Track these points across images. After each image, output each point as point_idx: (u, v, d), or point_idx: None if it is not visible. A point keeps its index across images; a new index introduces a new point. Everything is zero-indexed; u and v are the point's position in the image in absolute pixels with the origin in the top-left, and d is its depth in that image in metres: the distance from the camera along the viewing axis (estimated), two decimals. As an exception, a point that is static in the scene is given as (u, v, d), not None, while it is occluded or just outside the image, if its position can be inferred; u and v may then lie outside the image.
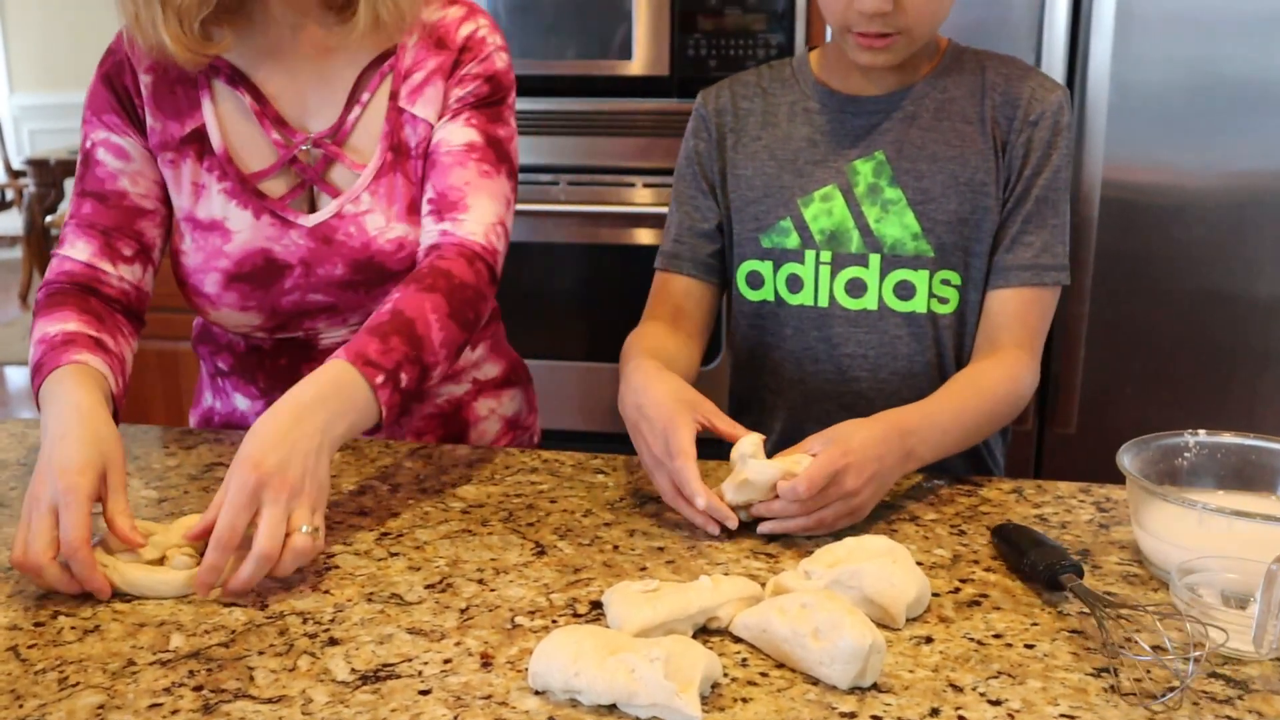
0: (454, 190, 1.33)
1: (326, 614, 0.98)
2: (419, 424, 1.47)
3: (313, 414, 1.09)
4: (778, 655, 0.90)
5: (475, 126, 1.36)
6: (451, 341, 1.25)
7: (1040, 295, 1.38)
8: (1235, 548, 0.95)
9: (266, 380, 1.44)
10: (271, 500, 1.02)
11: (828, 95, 1.44)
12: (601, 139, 2.60)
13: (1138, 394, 2.31)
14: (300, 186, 1.36)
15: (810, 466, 1.10)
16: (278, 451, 1.05)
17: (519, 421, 1.57)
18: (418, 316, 1.22)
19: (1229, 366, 2.26)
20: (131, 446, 1.38)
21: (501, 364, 1.54)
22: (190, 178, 1.35)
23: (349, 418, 1.12)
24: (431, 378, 1.23)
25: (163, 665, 0.90)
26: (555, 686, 0.85)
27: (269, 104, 1.35)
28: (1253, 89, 2.14)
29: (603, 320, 2.74)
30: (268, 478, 1.03)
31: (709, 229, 1.49)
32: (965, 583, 1.03)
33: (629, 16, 2.54)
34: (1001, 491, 1.24)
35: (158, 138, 1.36)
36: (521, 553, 1.09)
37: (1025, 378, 1.34)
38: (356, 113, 1.36)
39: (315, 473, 1.06)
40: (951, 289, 1.40)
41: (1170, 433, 1.12)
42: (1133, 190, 2.23)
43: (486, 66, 1.37)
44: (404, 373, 1.18)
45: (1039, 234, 1.37)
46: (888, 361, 1.42)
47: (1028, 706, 0.84)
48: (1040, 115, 1.38)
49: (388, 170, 1.35)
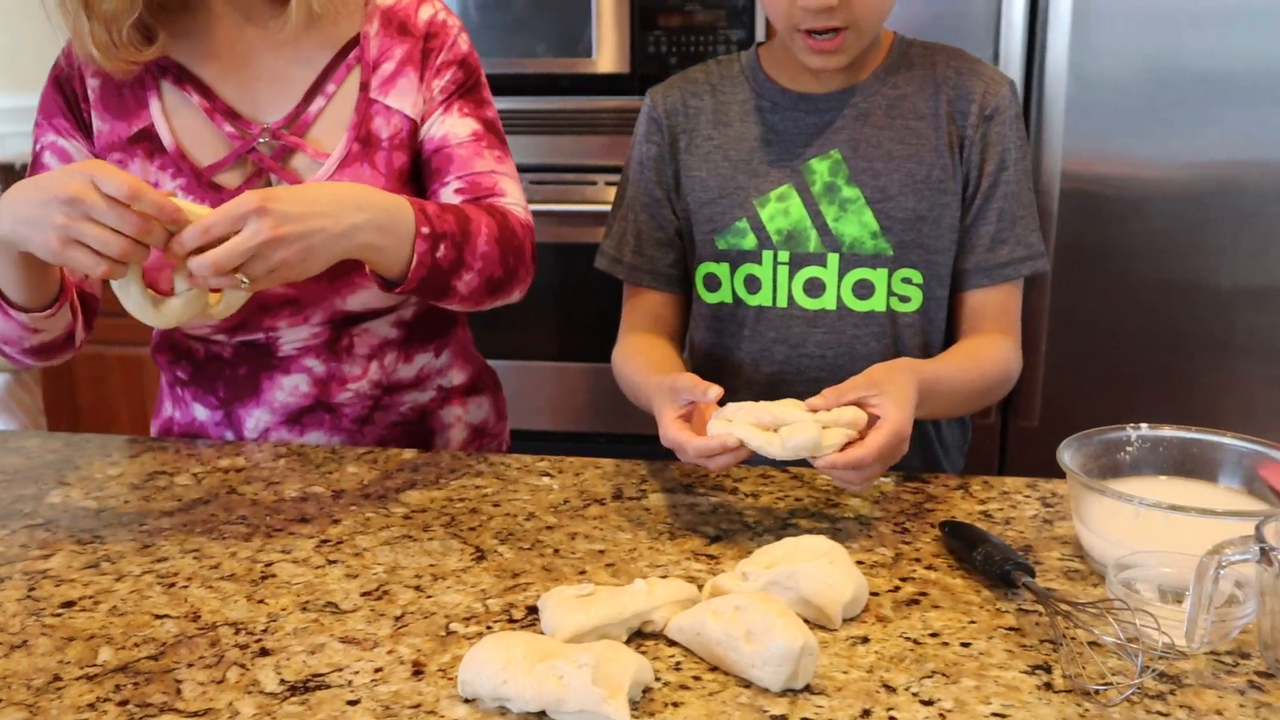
0: (485, 178, 1.37)
1: (260, 624, 0.97)
2: (383, 432, 1.46)
3: (355, 205, 1.12)
4: (711, 658, 0.89)
5: (470, 115, 1.38)
6: (490, 260, 1.28)
7: (1018, 285, 1.42)
8: (1173, 541, 0.95)
9: (226, 390, 1.42)
10: (253, 229, 1.05)
11: (779, 93, 1.44)
12: (564, 138, 2.59)
13: (1100, 386, 2.31)
14: (257, 176, 1.35)
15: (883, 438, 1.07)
16: (297, 206, 1.07)
17: (486, 429, 1.56)
18: (474, 218, 1.27)
19: (1191, 357, 2.26)
20: (72, 455, 1.37)
21: (468, 370, 1.53)
22: (141, 176, 1.34)
23: (380, 237, 1.15)
24: (461, 278, 1.25)
25: (89, 680, 0.89)
26: (484, 694, 0.84)
27: (218, 99, 1.35)
28: (1209, 80, 2.14)
29: (570, 319, 2.73)
30: (266, 212, 1.05)
31: (666, 238, 1.48)
32: (906, 581, 1.03)
33: (589, 15, 2.53)
34: (948, 488, 1.23)
35: (104, 139, 1.35)
36: (461, 558, 1.08)
37: (1014, 360, 1.39)
38: (320, 103, 1.36)
39: (309, 250, 1.08)
40: (913, 287, 1.40)
41: (1112, 427, 1.12)
42: (1092, 182, 2.23)
43: (455, 52, 1.39)
44: (444, 245, 1.21)
45: (1015, 228, 1.39)
46: (846, 361, 1.41)
47: (960, 706, 0.84)
48: (995, 110, 1.39)
49: (354, 160, 1.34)
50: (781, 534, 1.12)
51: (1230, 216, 2.18)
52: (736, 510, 1.18)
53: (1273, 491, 1.07)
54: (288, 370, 1.40)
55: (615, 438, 2.70)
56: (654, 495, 1.22)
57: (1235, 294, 2.21)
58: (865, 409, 1.11)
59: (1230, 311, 2.22)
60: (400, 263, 1.21)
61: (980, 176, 1.39)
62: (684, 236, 1.49)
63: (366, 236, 1.15)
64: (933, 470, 1.46)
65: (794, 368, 1.43)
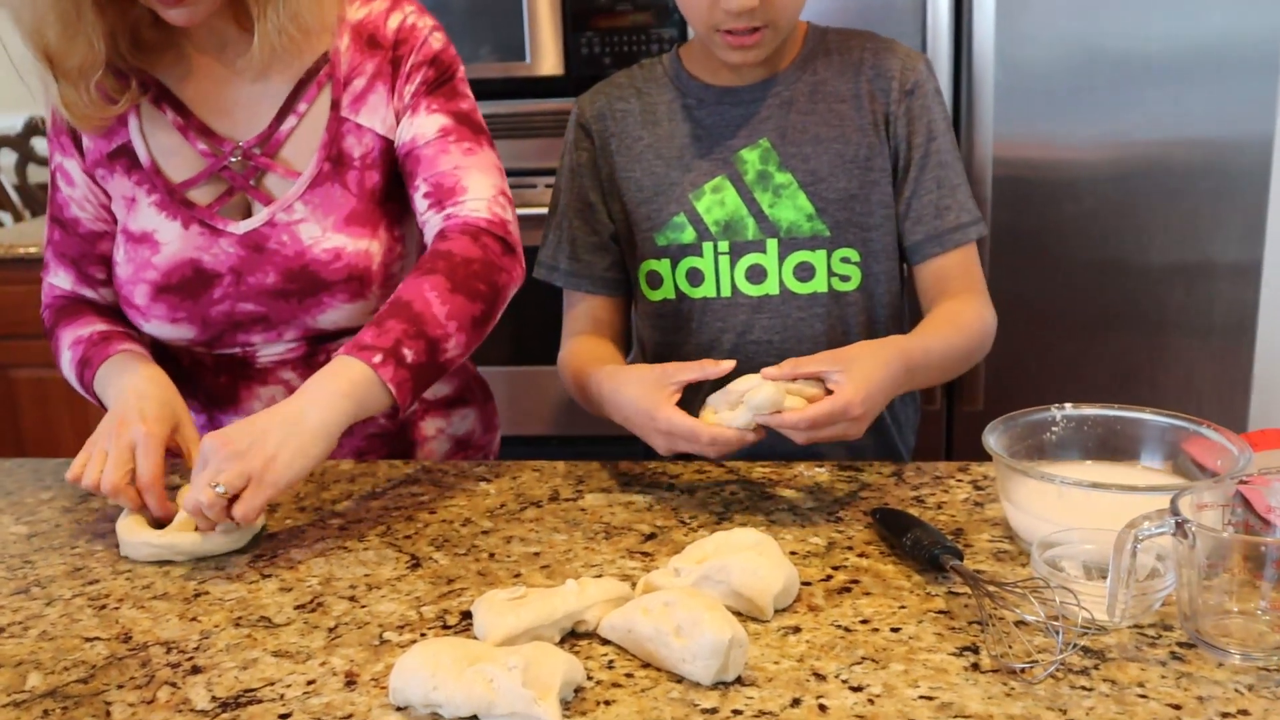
0: (447, 176, 1.34)
1: (192, 642, 0.97)
2: (360, 444, 1.45)
3: (304, 406, 1.14)
4: (644, 655, 0.90)
5: (439, 110, 1.36)
6: (460, 312, 1.25)
7: (971, 249, 1.44)
8: (1096, 519, 0.96)
9: (207, 397, 1.43)
10: (214, 464, 1.09)
11: (703, 89, 1.45)
12: (500, 141, 2.56)
13: (1041, 368, 2.33)
14: (229, 193, 1.35)
15: (820, 410, 1.11)
16: (248, 433, 1.11)
17: (471, 441, 1.54)
18: (414, 297, 1.23)
19: (1128, 335, 2.29)
20: (3, 480, 1.35)
21: (454, 382, 1.52)
22: (121, 191, 1.36)
23: (347, 403, 1.16)
24: (446, 349, 1.23)
25: (16, 706, 0.88)
26: (416, 701, 0.84)
27: (193, 117, 1.35)
28: (1135, 62, 2.17)
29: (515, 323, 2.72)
30: (222, 447, 1.09)
31: (601, 242, 1.49)
32: (838, 570, 1.03)
33: (520, 18, 2.53)
34: (881, 475, 1.24)
35: (92, 156, 1.37)
36: (396, 566, 1.08)
37: (989, 317, 1.42)
38: (292, 123, 1.35)
39: (281, 455, 1.10)
40: (852, 266, 1.42)
41: (1036, 408, 1.13)
42: (1024, 167, 2.25)
43: (425, 52, 1.37)
44: (406, 348, 1.19)
45: (953, 195, 1.42)
46: (794, 345, 1.43)
47: (888, 690, 0.84)
48: (915, 85, 1.42)
49: (324, 180, 1.34)
50: (716, 528, 1.12)
51: (1158, 195, 2.21)
52: (672, 507, 1.19)
53: (1196, 465, 1.08)
54: (265, 381, 1.41)
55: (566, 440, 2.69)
56: (590, 495, 1.23)
57: (1167, 271, 2.24)
58: (826, 384, 1.14)
59: (1163, 289, 2.25)
60: (384, 396, 1.18)
61: (910, 149, 1.42)
62: (620, 240, 1.50)
63: (335, 415, 1.15)
64: (887, 449, 1.48)
65: (743, 355, 1.44)
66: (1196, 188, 2.20)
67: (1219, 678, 0.84)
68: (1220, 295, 2.24)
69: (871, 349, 1.20)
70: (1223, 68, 2.15)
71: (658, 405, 1.17)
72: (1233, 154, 2.18)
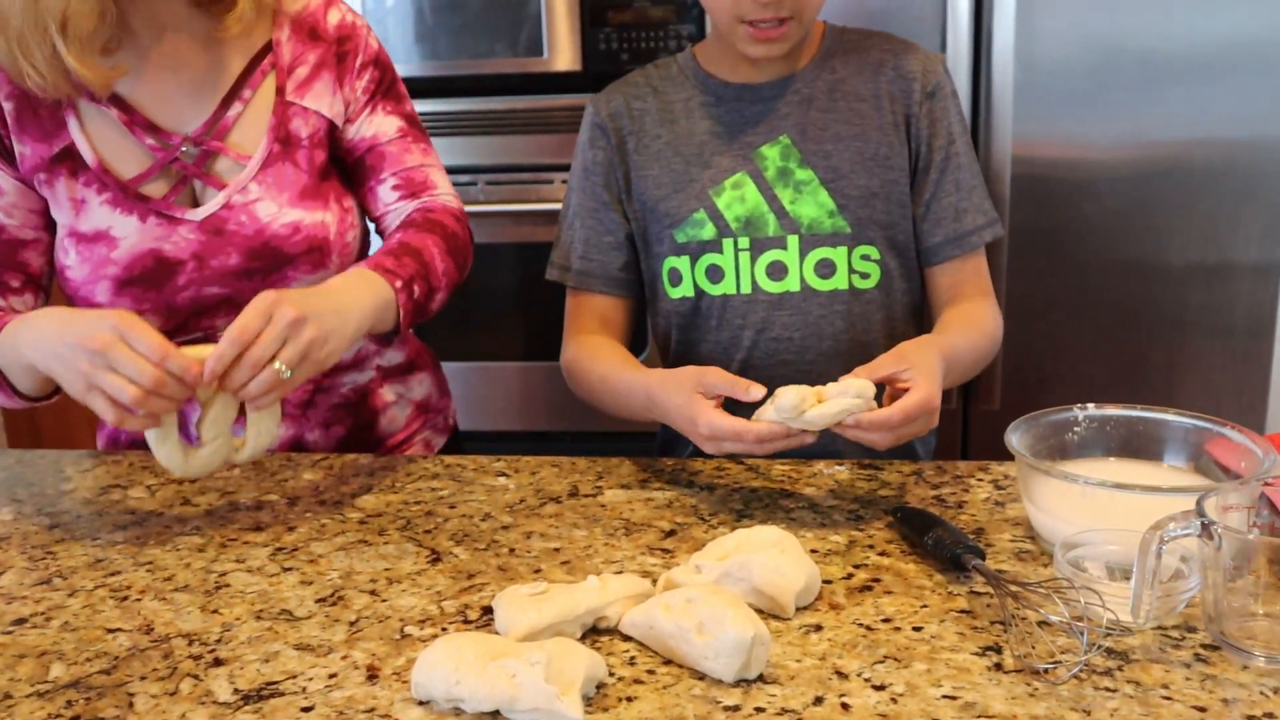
0: (416, 172, 1.46)
1: (213, 634, 0.97)
2: (326, 415, 1.47)
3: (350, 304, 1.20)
4: (665, 652, 0.90)
5: (393, 112, 1.46)
6: (449, 274, 1.38)
7: (983, 251, 1.47)
8: (1119, 519, 0.96)
9: None
10: (280, 312, 1.11)
11: (722, 87, 1.45)
12: (517, 137, 2.59)
13: (1059, 367, 2.33)
14: (181, 183, 1.36)
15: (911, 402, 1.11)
16: (309, 301, 1.14)
17: (430, 404, 1.59)
18: (422, 247, 1.35)
19: (1147, 335, 2.28)
20: (24, 472, 1.36)
21: (404, 350, 1.57)
22: (67, 194, 1.34)
23: (373, 317, 1.25)
24: (435, 301, 1.36)
25: (40, 696, 0.89)
26: (438, 695, 0.84)
27: (136, 112, 1.35)
28: (1155, 61, 2.16)
29: (529, 319, 2.72)
30: (286, 300, 1.12)
31: (616, 241, 1.49)
32: (859, 568, 1.03)
33: (538, 14, 2.53)
34: (901, 474, 1.24)
35: (28, 163, 1.34)
36: (416, 561, 1.08)
37: (1000, 321, 1.44)
38: (238, 109, 1.38)
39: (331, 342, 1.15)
40: (872, 264, 1.43)
41: (1059, 408, 1.13)
42: (1043, 166, 2.24)
43: (369, 53, 1.45)
44: (416, 286, 1.31)
45: (970, 197, 1.44)
46: (814, 342, 1.43)
47: (911, 689, 0.84)
48: (936, 87, 1.43)
49: (275, 160, 1.37)
50: (736, 526, 1.12)
51: (1179, 195, 2.20)
52: (692, 503, 1.19)
53: (1219, 467, 1.08)
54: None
55: (579, 436, 2.69)
56: (609, 492, 1.23)
57: (1187, 271, 2.23)
58: (897, 384, 1.15)
59: (1183, 288, 2.24)
60: (393, 318, 1.30)
61: (930, 151, 1.43)
62: (635, 240, 1.49)
63: (365, 324, 1.24)
64: (906, 448, 1.48)
65: (762, 351, 1.44)
66: (1217, 188, 2.19)
67: (1244, 680, 0.84)
68: (1240, 296, 2.23)
69: (921, 346, 1.21)
70: (1243, 67, 2.14)
71: (700, 411, 1.17)
72: (1253, 154, 2.17)
